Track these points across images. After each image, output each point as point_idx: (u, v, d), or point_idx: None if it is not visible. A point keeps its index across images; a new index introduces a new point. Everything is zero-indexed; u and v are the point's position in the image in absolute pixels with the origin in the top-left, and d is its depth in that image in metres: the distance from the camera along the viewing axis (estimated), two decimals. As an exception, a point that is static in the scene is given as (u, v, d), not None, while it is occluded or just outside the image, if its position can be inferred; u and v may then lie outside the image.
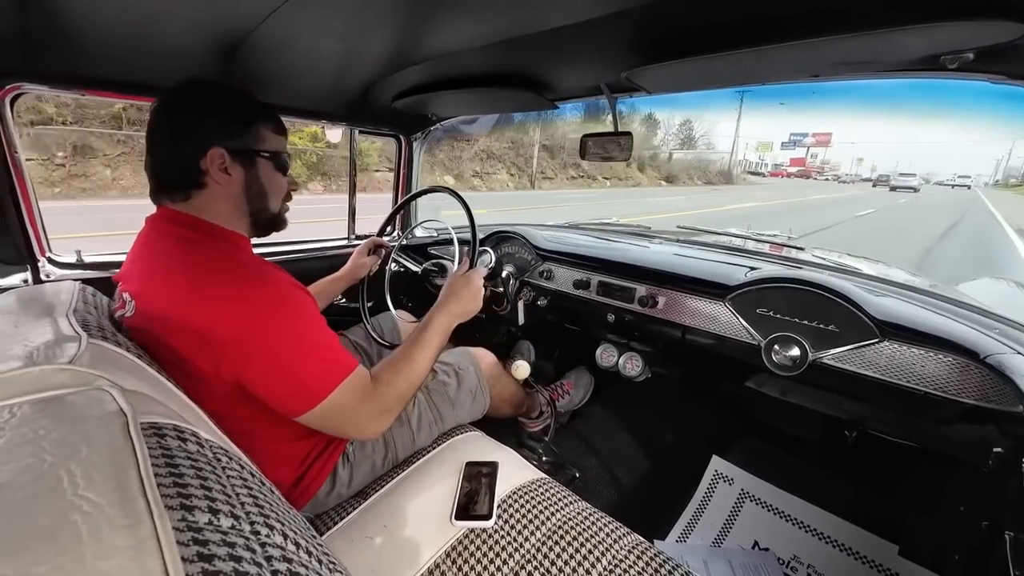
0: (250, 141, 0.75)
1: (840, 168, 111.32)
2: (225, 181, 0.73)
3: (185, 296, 0.66)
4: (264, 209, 0.80)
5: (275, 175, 0.79)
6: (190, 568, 0.24)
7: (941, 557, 1.09)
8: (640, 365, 1.41)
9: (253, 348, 0.65)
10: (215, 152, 0.71)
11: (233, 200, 0.76)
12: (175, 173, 0.73)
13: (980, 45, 0.66)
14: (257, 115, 0.76)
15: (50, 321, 0.50)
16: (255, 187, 0.77)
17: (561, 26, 0.78)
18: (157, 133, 0.72)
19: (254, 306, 0.66)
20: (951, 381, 0.85)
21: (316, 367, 0.69)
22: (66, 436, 0.28)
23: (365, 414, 0.73)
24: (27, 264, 1.03)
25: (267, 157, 0.77)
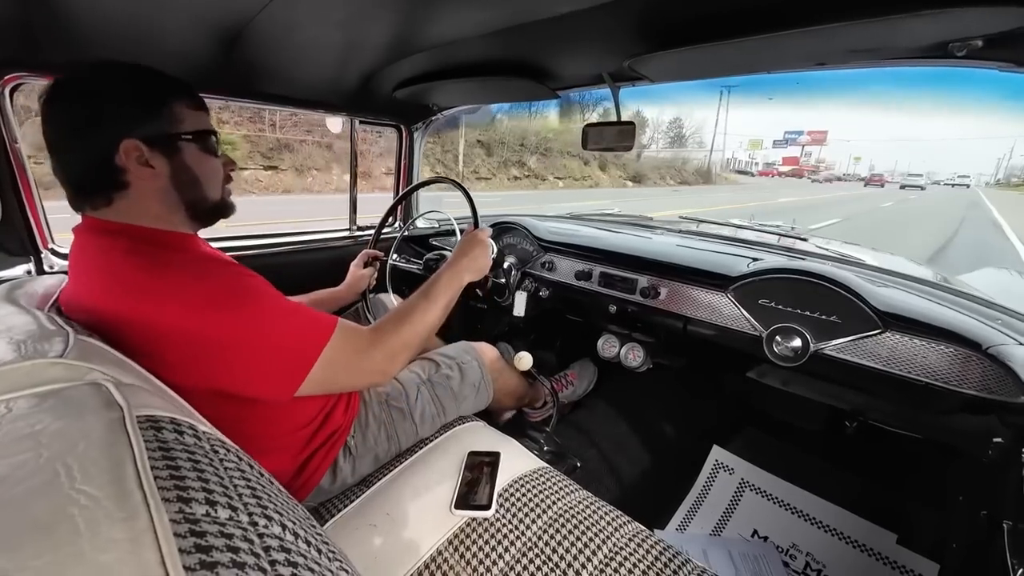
0: (167, 124, 0.65)
1: (836, 167, 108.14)
2: (148, 176, 0.64)
3: (133, 312, 0.59)
4: (201, 199, 0.71)
5: (205, 158, 0.70)
6: (187, 559, 0.25)
7: (939, 546, 1.10)
8: (642, 356, 1.41)
9: (220, 349, 0.61)
10: (128, 144, 0.61)
11: (163, 195, 0.67)
12: (88, 176, 0.64)
13: (989, 32, 0.64)
14: (168, 92, 0.66)
15: (30, 315, 0.49)
16: (185, 176, 0.68)
17: (564, 13, 0.77)
18: (53, 131, 0.62)
19: (205, 308, 0.60)
20: (953, 372, 0.84)
21: (292, 339, 0.65)
22: (62, 430, 0.28)
23: (367, 363, 0.71)
24: (30, 256, 1.03)
25: (190, 139, 0.67)
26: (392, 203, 1.57)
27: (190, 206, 0.70)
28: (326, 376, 0.67)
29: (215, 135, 0.72)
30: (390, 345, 0.74)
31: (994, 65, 0.72)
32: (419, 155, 1.78)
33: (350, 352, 0.69)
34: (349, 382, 0.73)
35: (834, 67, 0.87)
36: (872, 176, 61.07)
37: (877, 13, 0.62)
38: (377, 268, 1.34)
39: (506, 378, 1.26)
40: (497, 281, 1.48)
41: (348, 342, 0.70)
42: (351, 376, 0.72)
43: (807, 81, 26.90)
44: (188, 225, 0.72)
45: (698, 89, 32.01)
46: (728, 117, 40.27)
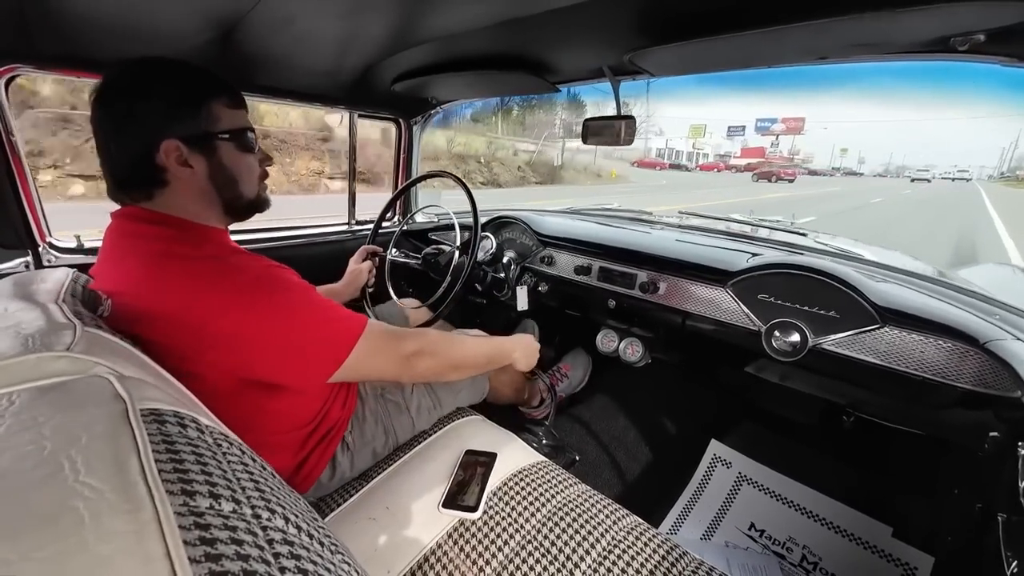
0: (205, 124, 0.67)
1: (814, 160, 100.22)
2: (188, 175, 0.66)
3: (162, 300, 0.61)
4: (238, 196, 0.73)
5: (242, 156, 0.71)
6: (192, 552, 0.25)
7: (934, 539, 1.11)
8: (640, 350, 1.42)
9: (255, 338, 0.62)
10: (169, 145, 0.64)
11: (201, 193, 0.69)
12: (131, 172, 0.66)
13: (991, 26, 0.64)
14: (207, 91, 0.67)
15: (41, 308, 0.49)
16: (222, 175, 0.69)
17: (563, 7, 0.76)
18: (100, 128, 0.65)
19: (241, 296, 0.63)
20: (950, 366, 0.85)
21: (332, 322, 0.69)
22: (66, 423, 0.28)
23: (400, 351, 0.74)
24: (27, 249, 1.03)
25: (228, 138, 0.69)
26: (391, 197, 1.57)
27: (227, 203, 0.72)
28: (361, 364, 0.70)
29: (252, 132, 0.73)
30: (424, 343, 0.77)
31: (996, 59, 0.72)
32: (418, 149, 1.77)
33: (385, 341, 0.73)
34: (384, 370, 0.74)
35: (835, 61, 0.87)
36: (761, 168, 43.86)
37: (879, 7, 0.62)
38: (376, 263, 1.34)
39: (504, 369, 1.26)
40: (496, 276, 1.48)
41: (383, 334, 0.73)
42: (387, 361, 0.74)
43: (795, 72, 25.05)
44: (222, 220, 0.75)
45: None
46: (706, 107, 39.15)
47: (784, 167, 63.43)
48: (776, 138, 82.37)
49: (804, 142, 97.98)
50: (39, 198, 1.03)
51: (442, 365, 0.82)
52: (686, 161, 53.83)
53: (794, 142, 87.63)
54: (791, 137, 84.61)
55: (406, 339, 0.76)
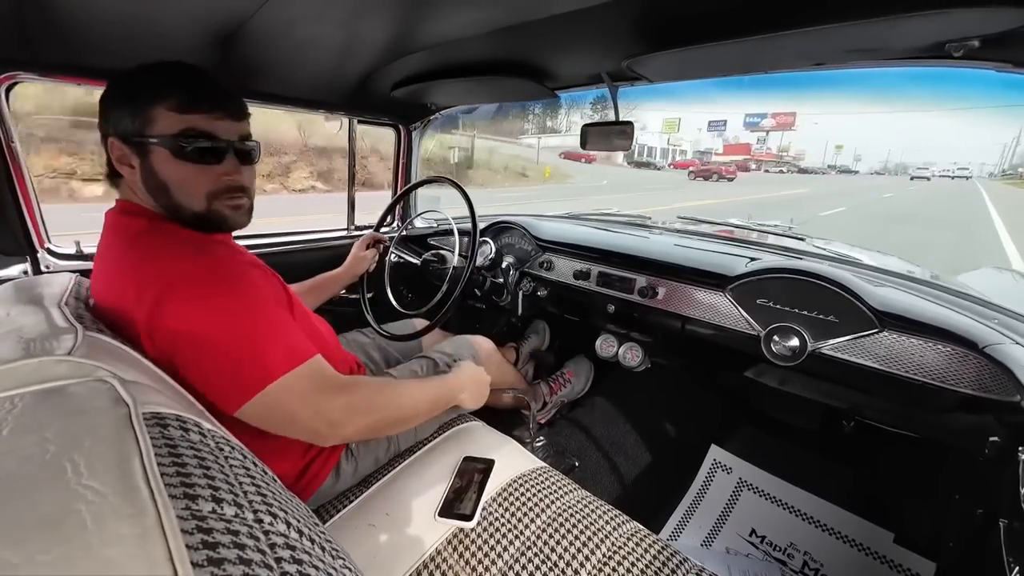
0: (139, 125, 0.64)
1: (806, 157, 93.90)
2: (129, 173, 0.67)
3: (123, 287, 0.61)
4: (176, 206, 0.67)
5: (177, 165, 0.65)
6: (195, 556, 0.24)
7: (936, 544, 1.11)
8: (640, 355, 1.42)
9: (187, 326, 0.58)
10: (112, 143, 0.65)
11: (143, 194, 0.68)
12: (108, 165, 0.70)
13: (986, 32, 0.65)
14: (151, 92, 0.63)
15: (43, 312, 0.50)
16: (152, 181, 0.66)
17: (562, 13, 0.77)
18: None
19: (185, 278, 0.60)
20: (949, 371, 0.85)
21: (267, 348, 0.61)
22: (69, 426, 0.28)
23: (325, 407, 0.65)
24: (26, 255, 1.03)
25: (157, 143, 0.64)
26: (390, 203, 1.57)
27: (167, 210, 0.68)
28: (276, 403, 0.62)
29: (204, 139, 0.66)
30: (356, 399, 0.69)
31: (991, 65, 0.73)
32: (417, 155, 1.78)
33: (313, 388, 0.65)
34: (296, 421, 0.65)
35: (832, 67, 0.88)
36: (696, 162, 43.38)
37: (875, 14, 0.63)
38: (379, 251, 1.34)
39: (503, 372, 1.26)
40: (495, 281, 1.48)
41: (315, 377, 0.66)
42: (305, 413, 0.65)
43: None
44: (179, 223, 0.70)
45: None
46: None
47: (769, 163, 60.96)
48: (766, 134, 77.55)
49: (797, 139, 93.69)
50: (38, 204, 1.03)
51: (379, 424, 0.73)
52: (660, 159, 46.19)
53: (782, 138, 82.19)
54: (780, 133, 79.43)
55: (339, 393, 0.67)
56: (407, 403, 0.78)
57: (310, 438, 0.68)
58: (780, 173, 52.81)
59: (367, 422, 0.70)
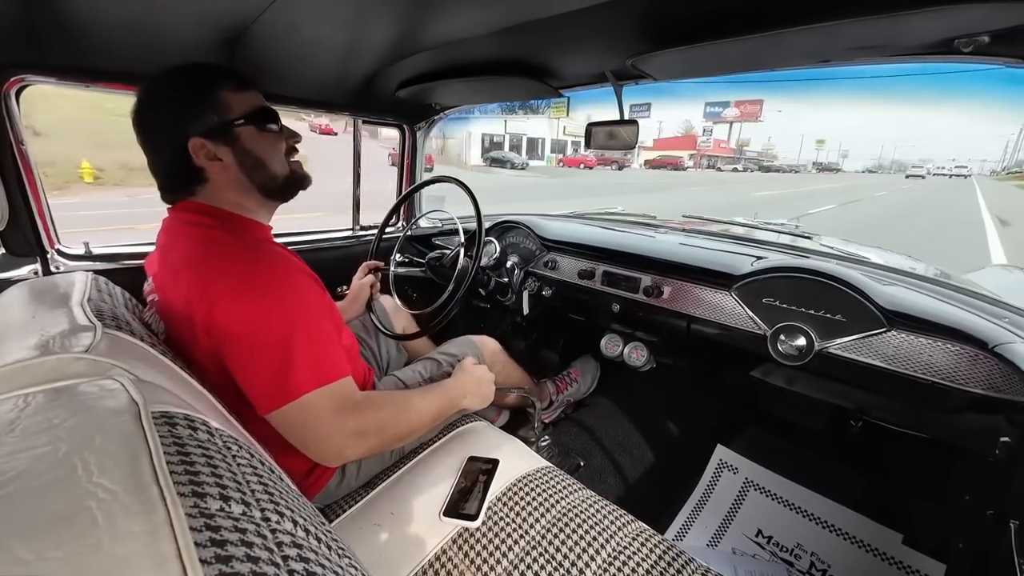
0: (219, 115, 0.69)
1: (775, 152, 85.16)
2: (220, 167, 0.70)
3: (191, 281, 0.65)
4: (271, 177, 0.75)
5: (263, 137, 0.73)
6: (203, 553, 0.25)
7: (945, 546, 1.10)
8: (645, 355, 1.41)
9: (240, 331, 0.62)
10: (195, 144, 0.68)
11: (236, 183, 0.72)
12: (174, 177, 0.72)
13: (996, 27, 0.64)
14: (211, 83, 0.69)
15: (65, 311, 0.51)
16: (250, 160, 0.72)
17: (566, 12, 0.77)
18: (140, 142, 0.70)
19: (249, 287, 0.63)
20: (959, 370, 0.84)
21: (300, 361, 0.64)
22: (80, 425, 0.29)
23: (338, 428, 0.67)
24: (36, 256, 1.04)
25: (244, 123, 0.71)
26: (395, 203, 1.58)
27: (262, 187, 0.74)
28: (299, 418, 0.65)
29: (267, 111, 0.74)
30: (367, 421, 0.71)
31: (1000, 61, 0.72)
32: (422, 154, 1.78)
33: (332, 408, 0.67)
34: (312, 439, 0.68)
35: (838, 64, 0.87)
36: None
37: (882, 10, 0.62)
38: (379, 278, 1.33)
39: (508, 371, 1.26)
40: (500, 280, 1.48)
41: (339, 397, 0.68)
42: (319, 433, 0.67)
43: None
44: (264, 206, 0.77)
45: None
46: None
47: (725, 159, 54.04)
48: (729, 125, 68.57)
49: (773, 134, 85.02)
50: (48, 205, 1.04)
51: (387, 441, 0.76)
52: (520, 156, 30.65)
53: (741, 130, 72.75)
54: (739, 125, 70.24)
55: (351, 415, 0.69)
56: (413, 420, 0.80)
57: (317, 455, 0.69)
58: (735, 171, 47.13)
59: (372, 444, 0.73)
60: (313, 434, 0.67)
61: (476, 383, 0.95)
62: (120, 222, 5.58)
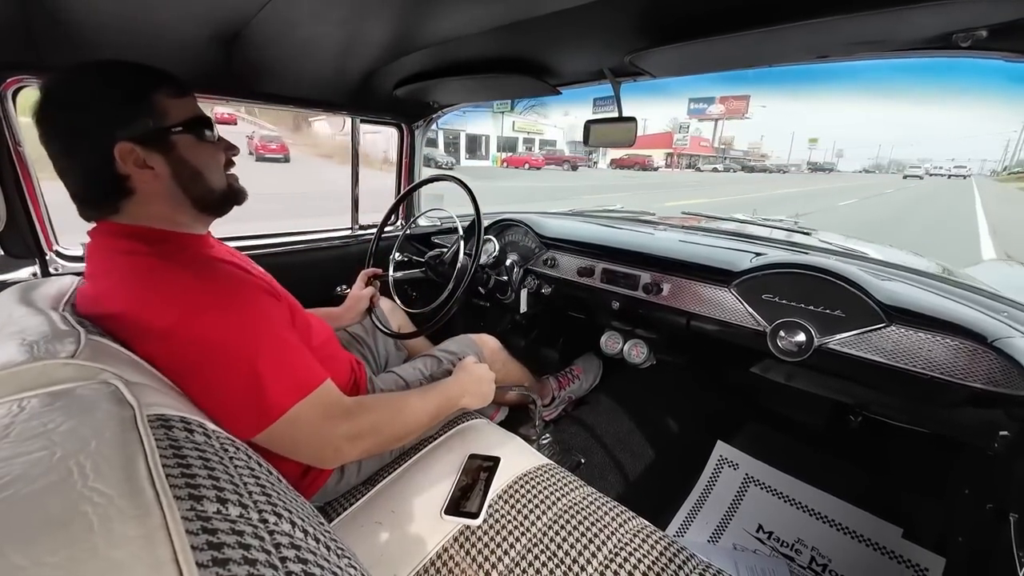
0: (154, 120, 0.62)
1: (763, 151, 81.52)
2: (150, 177, 0.62)
3: (136, 316, 0.57)
4: (209, 190, 0.69)
5: (202, 147, 0.67)
6: (200, 556, 0.25)
7: (945, 540, 1.10)
8: (645, 352, 1.41)
9: (198, 357, 0.57)
10: (123, 149, 0.59)
11: (168, 195, 0.65)
12: (92, 186, 0.62)
13: (994, 21, 0.64)
14: (148, 85, 0.62)
15: (43, 316, 0.49)
16: (186, 171, 0.65)
17: (564, 9, 0.77)
18: (48, 147, 0.60)
19: (199, 309, 0.58)
20: (958, 365, 0.84)
21: (274, 377, 0.60)
22: (75, 429, 0.29)
23: (330, 435, 0.65)
24: (35, 258, 1.04)
25: (182, 131, 0.64)
26: (394, 202, 1.58)
27: (197, 200, 0.68)
28: (285, 434, 0.62)
29: (207, 120, 0.68)
30: (360, 424, 0.69)
31: (999, 55, 0.72)
32: (420, 153, 1.78)
33: (321, 416, 0.65)
34: (305, 450, 0.66)
35: (836, 60, 0.87)
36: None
37: (881, 5, 0.62)
38: (378, 287, 1.32)
39: (509, 369, 1.26)
40: (499, 279, 1.48)
41: (324, 404, 0.66)
42: (312, 443, 0.65)
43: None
44: (199, 219, 0.71)
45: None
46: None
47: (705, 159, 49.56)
48: (714, 123, 65.24)
49: (761, 131, 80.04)
50: (46, 207, 1.04)
51: (383, 442, 0.75)
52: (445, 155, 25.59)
53: (723, 128, 67.93)
54: (723, 123, 66.73)
55: (344, 419, 0.67)
56: (410, 420, 0.79)
57: (314, 463, 0.69)
58: (715, 171, 44.74)
59: (368, 445, 0.71)
60: (306, 446, 0.65)
61: (476, 382, 0.95)
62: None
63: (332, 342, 0.95)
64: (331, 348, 0.93)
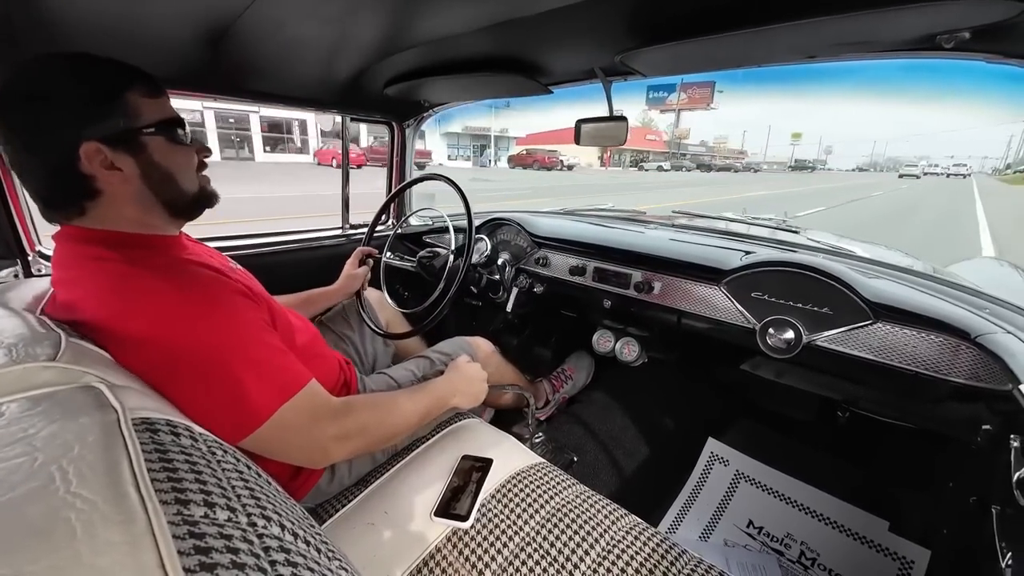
0: (124, 119, 0.59)
1: (728, 145, 72.10)
2: (118, 179, 0.60)
3: (106, 324, 0.56)
4: (179, 194, 0.66)
5: (175, 149, 0.65)
6: (187, 561, 0.24)
7: (930, 532, 1.12)
8: (637, 350, 1.42)
9: (171, 361, 0.55)
10: (88, 148, 0.56)
11: (136, 197, 0.62)
12: (55, 188, 0.59)
13: (976, 23, 0.65)
14: (120, 83, 0.60)
15: (20, 318, 0.48)
16: (156, 174, 0.63)
17: (555, 8, 0.77)
18: (8, 144, 0.57)
19: (176, 317, 0.56)
20: (942, 361, 0.86)
21: (256, 381, 0.59)
22: (56, 434, 0.28)
23: (318, 436, 0.65)
24: (16, 258, 1.02)
25: (154, 132, 0.62)
26: (385, 201, 1.57)
27: (168, 204, 0.66)
28: (272, 437, 0.61)
29: (181, 122, 0.66)
30: (348, 425, 0.69)
31: (981, 56, 0.73)
32: (411, 152, 1.77)
33: (307, 418, 0.64)
34: (295, 453, 0.65)
35: (824, 60, 0.87)
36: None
37: (865, 6, 0.63)
38: (371, 266, 1.33)
39: (503, 372, 1.26)
40: (491, 278, 1.48)
41: (310, 406, 0.65)
42: (300, 445, 0.65)
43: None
44: (170, 223, 0.69)
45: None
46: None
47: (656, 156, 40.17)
48: (677, 113, 57.41)
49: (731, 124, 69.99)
50: (28, 207, 1.02)
51: (372, 443, 0.74)
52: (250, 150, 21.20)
53: (677, 121, 59.61)
54: (677, 114, 58.24)
55: (331, 420, 0.67)
56: (399, 421, 0.78)
57: (303, 464, 0.68)
58: (659, 170, 36.69)
59: (358, 445, 0.71)
60: (295, 449, 0.65)
61: (467, 382, 0.95)
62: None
63: (318, 341, 0.94)
64: (317, 347, 0.92)
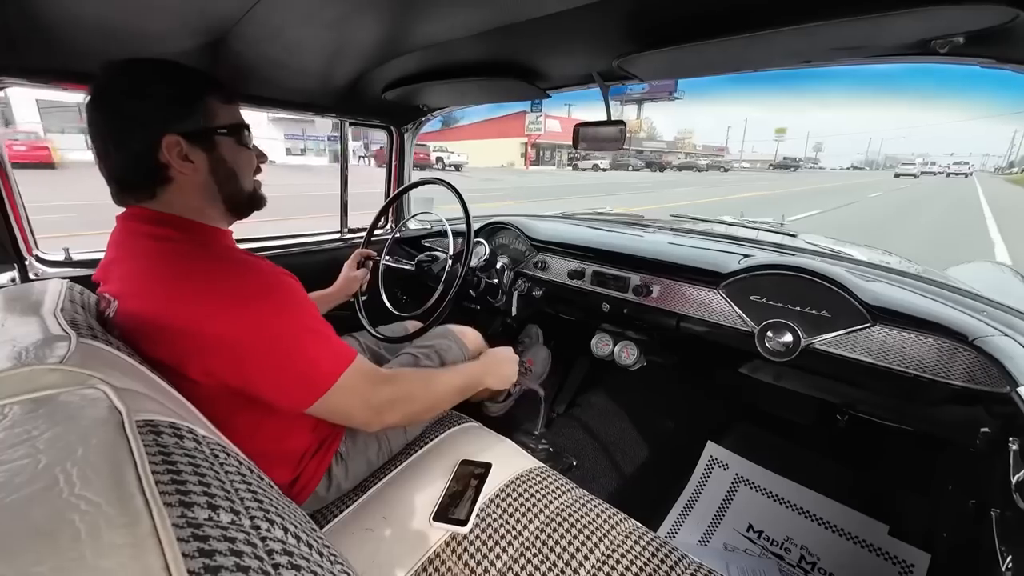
0: (203, 120, 0.68)
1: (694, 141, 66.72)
2: (190, 170, 0.68)
3: (167, 300, 0.62)
4: (238, 191, 0.75)
5: (240, 151, 0.74)
6: (191, 564, 0.24)
7: (930, 536, 1.12)
8: (635, 354, 1.42)
9: (248, 344, 0.62)
10: (170, 140, 0.65)
11: (202, 189, 0.70)
12: (134, 173, 0.67)
13: (971, 29, 0.66)
14: (202, 88, 0.69)
15: (37, 320, 0.49)
16: (223, 170, 0.71)
17: (552, 13, 0.77)
18: (98, 132, 0.65)
19: (242, 299, 0.63)
20: (940, 364, 0.86)
21: (320, 351, 0.67)
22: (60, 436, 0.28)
23: (375, 398, 0.72)
24: (14, 263, 1.01)
25: (226, 133, 0.71)
26: (383, 205, 1.57)
27: (227, 198, 0.74)
28: (338, 401, 0.68)
29: (247, 128, 0.75)
30: (399, 391, 0.76)
31: (975, 61, 0.74)
32: (410, 156, 1.78)
33: (365, 381, 0.71)
34: (356, 413, 0.72)
35: (819, 64, 0.88)
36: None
37: (860, 12, 0.63)
38: (370, 268, 1.33)
39: None
40: (490, 281, 1.48)
41: (366, 371, 0.72)
42: (360, 405, 0.72)
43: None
44: (224, 218, 0.76)
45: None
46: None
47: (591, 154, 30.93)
48: (636, 105, 50.98)
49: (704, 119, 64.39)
50: (25, 211, 1.02)
51: (417, 411, 0.81)
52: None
53: (639, 111, 55.08)
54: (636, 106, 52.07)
55: (384, 384, 0.74)
56: (441, 391, 0.84)
57: (360, 426, 0.74)
58: (594, 169, 32.61)
59: (407, 411, 0.78)
60: (357, 409, 0.71)
61: (498, 364, 0.99)
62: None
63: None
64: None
